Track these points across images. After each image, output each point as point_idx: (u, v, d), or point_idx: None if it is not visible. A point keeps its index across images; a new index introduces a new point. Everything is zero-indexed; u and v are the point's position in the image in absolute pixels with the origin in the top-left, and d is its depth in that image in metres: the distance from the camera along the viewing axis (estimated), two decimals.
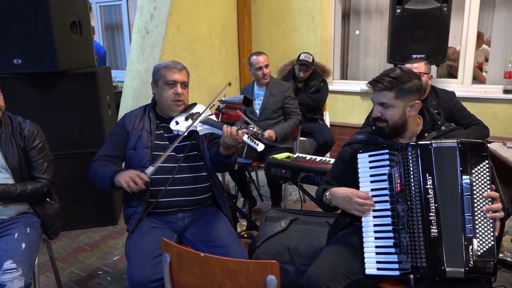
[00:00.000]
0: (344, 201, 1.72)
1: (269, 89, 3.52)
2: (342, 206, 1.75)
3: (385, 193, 1.68)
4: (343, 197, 1.72)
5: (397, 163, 1.65)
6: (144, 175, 1.88)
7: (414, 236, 1.58)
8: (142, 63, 4.30)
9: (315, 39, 4.88)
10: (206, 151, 2.13)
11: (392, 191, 1.65)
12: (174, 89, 2.10)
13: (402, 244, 1.60)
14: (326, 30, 4.88)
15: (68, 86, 3.17)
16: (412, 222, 1.59)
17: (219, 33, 5.00)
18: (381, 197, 1.68)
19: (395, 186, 1.64)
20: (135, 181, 1.86)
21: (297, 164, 2.65)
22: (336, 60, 5.03)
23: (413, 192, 1.61)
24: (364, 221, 1.69)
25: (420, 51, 3.60)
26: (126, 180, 1.86)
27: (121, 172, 1.93)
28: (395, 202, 1.64)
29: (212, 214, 2.11)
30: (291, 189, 4.11)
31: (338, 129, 4.83)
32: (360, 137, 1.87)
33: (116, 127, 2.17)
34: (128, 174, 1.89)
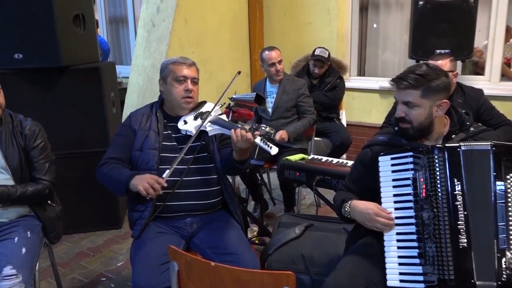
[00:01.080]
0: (363, 218, 1.70)
1: (282, 86, 3.50)
2: (361, 222, 1.73)
3: (409, 199, 1.64)
4: (363, 213, 1.70)
5: (422, 166, 1.62)
6: (162, 180, 1.86)
7: (441, 246, 1.54)
8: (148, 58, 4.30)
9: (330, 33, 4.84)
10: (216, 152, 2.12)
11: (416, 197, 1.62)
12: (184, 85, 2.08)
13: (428, 255, 1.57)
14: (342, 24, 4.84)
15: (71, 82, 3.18)
16: (439, 231, 1.56)
17: (229, 27, 4.98)
18: (405, 204, 1.66)
19: (420, 191, 1.61)
20: (154, 187, 1.84)
21: (313, 166, 2.63)
22: (353, 55, 4.99)
23: (439, 198, 1.57)
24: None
25: (444, 46, 3.54)
26: (145, 186, 1.83)
27: (137, 177, 1.91)
28: (420, 209, 1.61)
29: (222, 220, 2.10)
30: (304, 192, 4.09)
31: (355, 129, 4.78)
32: (382, 138, 1.84)
33: (122, 128, 2.16)
34: (146, 179, 1.86)
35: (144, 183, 1.84)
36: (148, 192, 1.83)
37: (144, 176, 1.89)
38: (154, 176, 1.88)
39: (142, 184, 1.84)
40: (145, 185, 1.84)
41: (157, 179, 1.86)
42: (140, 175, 1.91)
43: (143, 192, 1.83)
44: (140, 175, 1.92)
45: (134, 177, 1.91)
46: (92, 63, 3.32)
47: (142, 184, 1.84)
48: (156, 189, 1.84)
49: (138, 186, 1.84)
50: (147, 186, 1.83)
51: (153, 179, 1.86)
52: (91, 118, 3.26)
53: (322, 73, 4.01)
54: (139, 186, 1.84)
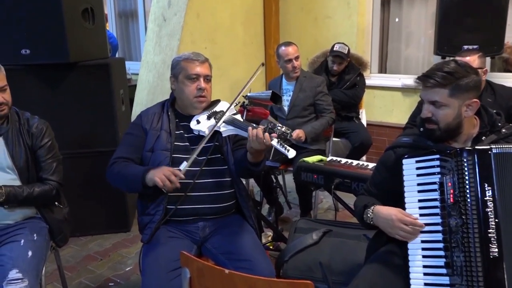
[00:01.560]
0: (386, 224, 1.68)
1: (299, 83, 3.48)
2: (383, 228, 1.71)
3: (435, 204, 1.62)
4: (386, 219, 1.68)
5: (449, 170, 1.60)
6: (179, 172, 1.85)
7: (469, 255, 1.52)
8: (158, 54, 4.32)
9: (350, 28, 4.80)
10: (230, 154, 2.11)
11: (443, 202, 1.60)
12: (197, 84, 2.08)
13: (455, 265, 1.54)
14: (363, 18, 4.80)
15: (79, 79, 3.21)
16: (468, 239, 1.53)
17: (243, 21, 4.98)
18: (431, 210, 1.63)
19: (447, 197, 1.59)
20: (170, 179, 1.83)
21: (331, 168, 2.61)
22: (374, 51, 4.95)
23: (468, 204, 1.54)
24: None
25: (472, 42, 3.48)
26: (162, 178, 1.83)
27: (153, 170, 1.90)
28: (447, 216, 1.58)
29: (236, 224, 2.09)
30: (321, 195, 4.06)
31: (375, 129, 4.75)
32: (406, 140, 1.82)
33: (132, 127, 2.17)
34: (162, 171, 1.85)
35: (161, 175, 1.84)
36: (165, 184, 1.82)
37: (161, 168, 1.89)
38: (171, 168, 1.87)
39: (159, 176, 1.83)
40: (161, 176, 1.83)
41: (173, 170, 1.85)
42: (156, 168, 1.91)
43: (160, 183, 1.82)
44: (156, 168, 1.92)
45: (149, 171, 1.91)
46: (101, 59, 3.34)
47: (158, 175, 1.84)
48: (172, 181, 1.83)
49: (155, 177, 1.84)
50: (164, 177, 1.83)
51: (170, 170, 1.85)
52: (100, 116, 3.29)
53: (341, 70, 3.99)
54: (156, 177, 1.84)
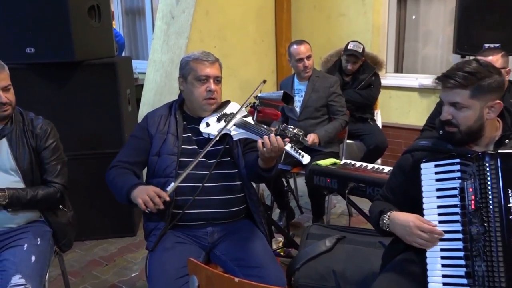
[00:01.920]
0: (403, 231, 1.66)
1: (312, 83, 3.47)
2: (400, 236, 1.69)
3: (455, 211, 1.61)
4: (403, 226, 1.66)
5: (471, 175, 1.58)
6: (165, 194, 1.85)
7: (492, 265, 1.49)
8: (166, 52, 4.33)
9: (365, 26, 4.78)
10: (240, 157, 2.11)
11: (464, 209, 1.58)
12: (207, 86, 2.08)
13: (477, 274, 1.52)
14: (378, 15, 4.78)
15: (85, 78, 3.23)
16: (490, 248, 1.51)
17: (253, 19, 4.98)
18: (450, 216, 1.62)
19: (468, 203, 1.57)
20: (154, 201, 1.83)
21: (345, 172, 2.59)
22: (390, 50, 4.92)
23: (491, 211, 1.52)
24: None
25: (494, 40, 3.44)
26: (144, 199, 1.83)
27: (139, 187, 1.91)
28: (468, 223, 1.56)
29: (246, 229, 2.09)
30: (335, 200, 4.05)
31: (391, 131, 4.72)
32: (424, 143, 1.80)
33: (137, 129, 2.18)
34: (147, 191, 1.86)
35: (144, 196, 1.84)
36: (148, 206, 1.82)
37: (146, 188, 1.89)
38: (157, 189, 1.87)
39: (142, 197, 1.84)
40: (145, 197, 1.83)
41: (159, 192, 1.85)
42: (143, 186, 1.92)
43: (142, 205, 1.82)
44: (144, 186, 1.92)
45: (136, 188, 1.91)
46: (107, 58, 3.36)
47: (142, 196, 1.84)
48: (156, 203, 1.83)
49: (137, 199, 1.84)
50: (147, 199, 1.83)
51: (155, 192, 1.85)
52: (106, 116, 3.30)
53: (356, 70, 3.97)
54: (138, 198, 1.84)
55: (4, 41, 3.03)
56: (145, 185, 1.95)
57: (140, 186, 1.93)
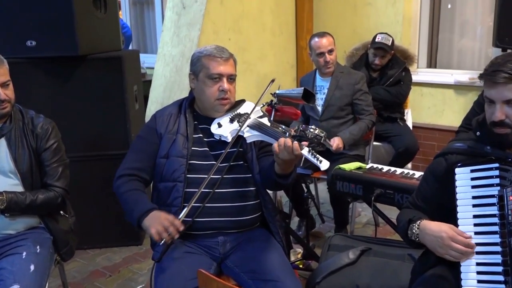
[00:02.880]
0: (434, 242, 1.66)
1: (335, 80, 3.46)
2: (431, 247, 1.69)
3: (493, 221, 1.60)
4: (434, 236, 1.65)
5: (511, 182, 1.58)
6: (179, 223, 1.87)
7: None
8: (177, 45, 4.36)
9: (395, 16, 4.77)
10: (255, 160, 2.12)
11: (503, 219, 1.58)
12: (219, 85, 2.09)
13: None
14: (409, 4, 4.76)
15: (89, 73, 3.26)
16: None
17: (272, 9, 4.99)
18: (488, 227, 1.61)
19: (508, 213, 1.56)
20: (168, 231, 1.85)
21: (371, 177, 2.58)
22: (422, 42, 4.90)
23: None
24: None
25: None
26: (158, 230, 1.85)
27: (151, 215, 1.94)
28: (508, 235, 1.56)
29: (260, 239, 2.09)
30: (360, 208, 4.03)
31: (422, 133, 4.70)
32: (459, 145, 1.79)
33: (145, 130, 2.20)
34: (160, 221, 1.88)
35: (158, 226, 1.86)
36: (162, 237, 1.85)
37: (159, 216, 1.91)
38: (170, 217, 1.89)
39: (156, 228, 1.86)
40: (158, 228, 1.85)
41: (172, 221, 1.87)
42: (155, 213, 1.94)
43: (156, 237, 1.85)
44: (156, 212, 1.95)
45: (149, 215, 1.94)
46: (113, 51, 3.39)
47: (156, 226, 1.86)
48: (171, 234, 1.85)
49: (150, 229, 1.87)
50: (161, 230, 1.85)
51: (169, 220, 1.87)
52: (111, 115, 3.34)
53: (384, 65, 3.95)
54: (152, 228, 1.87)
55: (3, 33, 3.08)
56: (157, 209, 1.97)
57: (152, 212, 1.95)
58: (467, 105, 3.22)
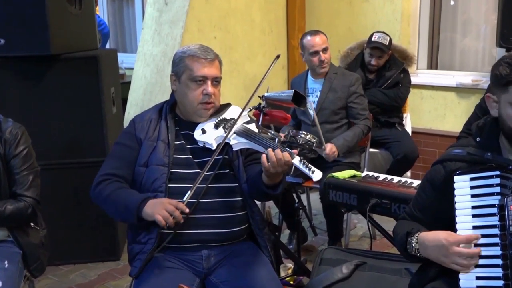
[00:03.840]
0: (437, 252, 1.67)
1: (328, 81, 3.49)
2: (435, 259, 1.70)
3: (493, 232, 1.62)
4: (436, 246, 1.67)
5: None
6: (183, 206, 1.89)
7: None
8: (158, 44, 4.38)
9: (393, 14, 4.80)
10: (241, 169, 2.13)
11: (503, 230, 1.60)
12: (203, 88, 2.10)
13: None
14: (408, 1, 4.79)
15: (62, 74, 3.26)
16: None
17: (261, 5, 5.01)
18: (488, 239, 1.63)
19: (509, 223, 1.58)
20: (174, 215, 1.86)
21: (366, 186, 2.60)
22: (422, 42, 4.93)
23: None
24: (463, 272, 1.63)
25: None
26: (164, 215, 1.86)
27: (151, 202, 1.95)
28: (509, 247, 1.58)
29: (247, 253, 2.10)
30: (355, 220, 4.05)
31: (423, 138, 4.72)
32: (458, 151, 1.81)
33: (124, 136, 2.20)
34: (163, 206, 1.89)
35: (162, 211, 1.87)
36: (168, 222, 1.86)
37: (161, 201, 1.93)
38: (173, 201, 1.91)
39: (160, 212, 1.87)
40: (163, 213, 1.86)
41: (176, 204, 1.89)
42: (155, 200, 1.95)
43: (162, 222, 1.86)
44: (155, 199, 1.96)
45: (147, 203, 1.94)
46: (89, 50, 3.40)
47: (159, 212, 1.87)
48: (176, 218, 1.87)
49: (156, 215, 1.87)
50: (166, 214, 1.86)
51: (172, 204, 1.88)
52: (86, 119, 3.33)
53: (381, 65, 3.98)
54: (156, 214, 1.87)
55: None
56: (153, 198, 1.98)
57: (151, 200, 1.96)
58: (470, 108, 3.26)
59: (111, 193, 2.05)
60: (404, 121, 4.13)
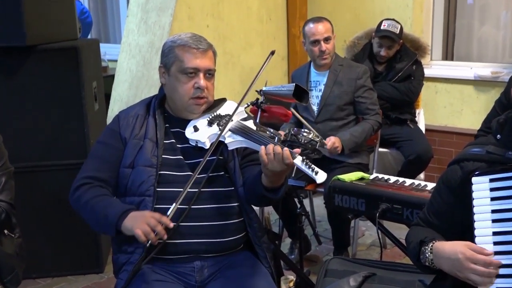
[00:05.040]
0: (452, 265, 1.67)
1: (333, 74, 3.49)
2: (450, 272, 1.70)
3: None
4: (451, 260, 1.67)
5: None
6: (166, 219, 1.88)
7: None
8: (144, 34, 4.37)
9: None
10: (238, 171, 2.13)
11: None
12: (195, 81, 2.10)
13: None
14: None
15: (39, 67, 3.25)
16: None
17: None
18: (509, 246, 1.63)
19: None
20: (155, 230, 1.85)
21: (376, 190, 2.61)
22: (437, 30, 4.95)
23: None
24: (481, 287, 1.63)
25: None
26: (145, 230, 1.85)
27: (132, 214, 1.94)
28: None
29: (245, 265, 2.10)
30: (363, 227, 4.05)
31: (437, 137, 4.74)
32: (477, 150, 1.82)
33: (107, 133, 2.19)
34: (145, 219, 1.88)
35: (143, 226, 1.86)
36: (149, 238, 1.85)
37: (143, 215, 1.92)
38: (156, 214, 1.90)
39: (141, 227, 1.85)
40: (144, 227, 1.85)
41: (160, 218, 1.88)
42: (135, 213, 1.94)
43: (142, 237, 1.85)
44: (136, 211, 1.95)
45: (128, 216, 1.94)
46: (69, 40, 3.39)
47: (140, 226, 1.86)
48: (159, 233, 1.86)
49: (135, 230, 1.86)
50: (148, 229, 1.85)
51: (155, 218, 1.88)
52: (66, 117, 3.33)
53: (391, 56, 3.99)
54: (136, 229, 1.86)
55: None
56: (135, 210, 1.98)
57: (132, 212, 1.95)
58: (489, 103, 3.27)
59: (90, 200, 2.04)
60: (416, 117, 4.14)
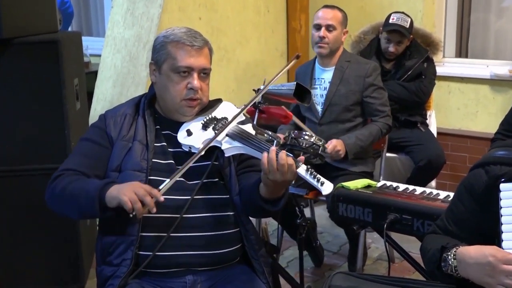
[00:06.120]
0: (481, 271, 1.67)
1: (339, 71, 3.49)
2: (478, 280, 1.70)
3: None
4: (480, 264, 1.66)
5: None
6: (157, 192, 1.87)
7: None
8: (131, 27, 4.37)
9: None
10: (234, 177, 2.14)
11: None
12: (188, 81, 2.10)
13: None
14: None
15: (15, 62, 3.24)
16: None
17: None
18: None
19: None
20: (144, 201, 1.84)
21: (384, 198, 2.61)
22: (450, 25, 4.97)
23: None
24: None
25: None
26: (132, 198, 1.82)
27: (118, 185, 1.92)
28: None
29: (241, 279, 2.10)
30: (369, 239, 4.05)
31: (450, 141, 4.75)
32: (503, 153, 1.84)
33: (93, 131, 2.20)
34: (133, 188, 1.86)
35: (131, 193, 1.84)
36: (135, 207, 1.83)
37: (130, 183, 1.91)
38: (146, 186, 1.89)
39: (128, 194, 1.83)
40: (132, 196, 1.83)
41: (149, 189, 1.86)
42: (124, 184, 1.93)
43: (128, 204, 1.82)
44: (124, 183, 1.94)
45: (112, 186, 1.92)
46: (48, 33, 3.38)
47: (127, 193, 1.84)
48: (146, 204, 1.84)
49: (121, 196, 1.84)
50: (134, 198, 1.83)
51: (144, 189, 1.86)
52: (44, 117, 3.31)
53: (400, 53, 4.00)
54: (123, 196, 1.84)
55: None
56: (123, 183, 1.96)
57: (117, 184, 1.94)
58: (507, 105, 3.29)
59: (67, 184, 2.01)
60: (428, 120, 4.16)
